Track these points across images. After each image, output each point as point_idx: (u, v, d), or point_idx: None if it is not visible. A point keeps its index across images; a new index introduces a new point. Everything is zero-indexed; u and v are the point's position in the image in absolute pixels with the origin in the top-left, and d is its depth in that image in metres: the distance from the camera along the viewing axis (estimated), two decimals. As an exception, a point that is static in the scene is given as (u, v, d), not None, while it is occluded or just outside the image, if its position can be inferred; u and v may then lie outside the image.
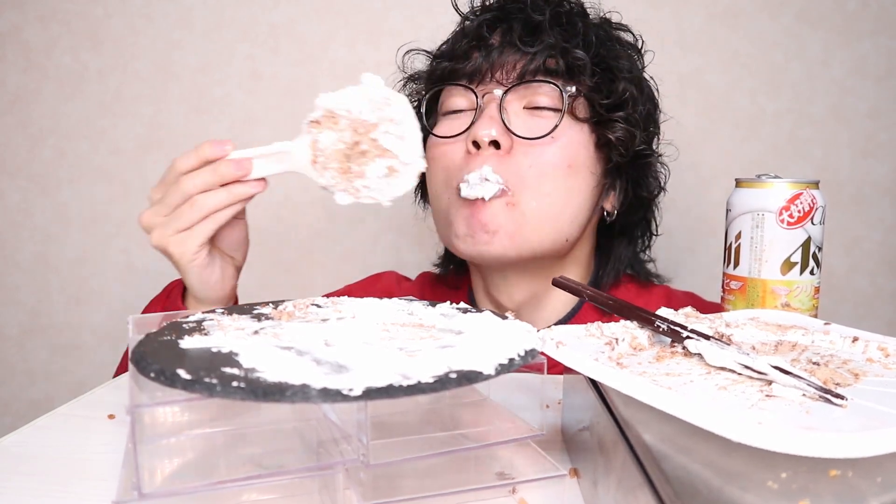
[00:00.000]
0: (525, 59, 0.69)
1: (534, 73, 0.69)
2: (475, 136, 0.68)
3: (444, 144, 0.72)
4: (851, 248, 1.07)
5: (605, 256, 0.81)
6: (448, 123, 0.73)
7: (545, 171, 0.68)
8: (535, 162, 0.68)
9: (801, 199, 0.58)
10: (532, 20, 0.70)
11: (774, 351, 0.43)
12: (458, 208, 0.70)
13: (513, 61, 0.69)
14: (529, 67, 0.69)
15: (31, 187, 1.15)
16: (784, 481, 0.25)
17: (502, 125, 0.68)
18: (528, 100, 0.70)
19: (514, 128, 0.68)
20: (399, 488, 0.36)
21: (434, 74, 0.75)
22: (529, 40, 0.69)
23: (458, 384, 0.32)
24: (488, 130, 0.67)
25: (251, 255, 0.72)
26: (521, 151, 0.68)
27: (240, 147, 0.60)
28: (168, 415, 0.40)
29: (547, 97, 0.69)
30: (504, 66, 0.70)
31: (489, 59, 0.70)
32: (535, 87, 0.69)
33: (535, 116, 0.70)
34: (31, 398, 1.19)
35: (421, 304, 0.49)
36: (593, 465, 0.37)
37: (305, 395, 0.30)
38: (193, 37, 1.11)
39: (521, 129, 0.68)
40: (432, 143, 0.74)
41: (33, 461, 0.42)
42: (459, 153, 0.71)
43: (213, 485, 0.33)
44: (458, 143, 0.71)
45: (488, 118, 0.68)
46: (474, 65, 0.70)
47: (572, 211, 0.71)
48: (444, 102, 0.74)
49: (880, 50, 1.04)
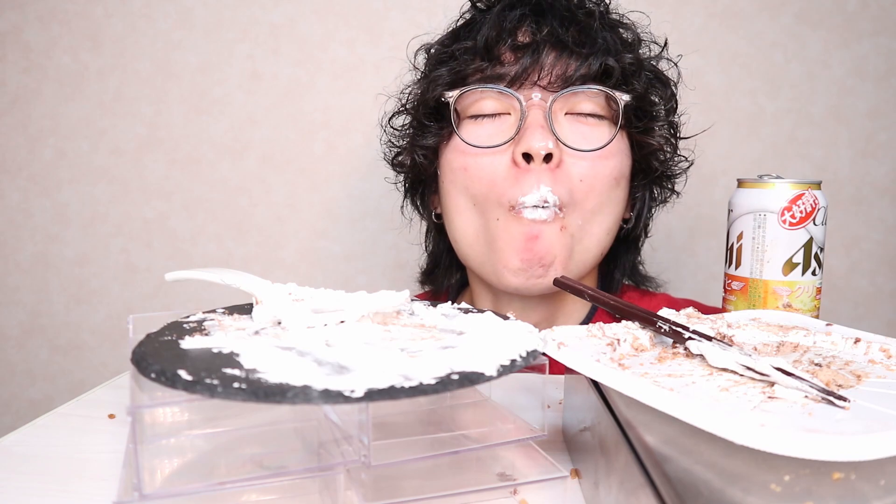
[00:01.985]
0: (576, 61, 0.63)
1: (583, 78, 0.63)
2: (529, 147, 0.61)
3: (480, 155, 0.65)
4: (851, 248, 1.07)
5: (609, 265, 0.78)
6: (478, 129, 0.66)
7: (594, 186, 0.64)
8: (585, 175, 0.63)
9: (803, 199, 0.58)
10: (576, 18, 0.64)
11: (776, 352, 0.43)
12: (512, 235, 0.63)
13: (560, 64, 0.63)
14: (580, 72, 0.63)
15: (31, 187, 1.15)
16: (787, 484, 0.25)
17: (554, 136, 0.62)
18: (572, 105, 0.65)
19: (565, 139, 0.63)
20: (400, 489, 0.36)
21: (463, 74, 0.66)
22: (578, 41, 0.63)
23: (459, 385, 0.32)
24: (544, 143, 0.61)
25: (251, 255, 0.72)
26: (570, 164, 0.63)
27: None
28: (168, 415, 0.40)
29: (593, 103, 0.64)
30: (545, 67, 0.63)
31: (536, 61, 0.63)
32: (582, 93, 0.64)
33: (580, 122, 0.65)
34: (31, 398, 1.19)
35: (422, 304, 0.49)
36: (595, 466, 0.37)
37: (307, 396, 0.30)
38: (193, 37, 1.11)
39: (573, 139, 0.63)
40: (460, 151, 0.67)
41: (33, 461, 0.42)
42: (503, 166, 0.64)
43: (213, 485, 0.33)
44: (500, 155, 0.64)
45: (539, 128, 0.62)
46: (519, 67, 0.63)
47: (612, 225, 0.68)
48: (473, 104, 0.66)
49: (880, 50, 1.04)
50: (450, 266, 0.81)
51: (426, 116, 0.70)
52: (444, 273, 0.82)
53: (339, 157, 1.10)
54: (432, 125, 0.70)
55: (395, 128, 0.77)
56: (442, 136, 0.69)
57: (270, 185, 1.12)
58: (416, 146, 0.71)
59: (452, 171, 0.68)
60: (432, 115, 0.69)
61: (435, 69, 0.69)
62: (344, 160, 1.10)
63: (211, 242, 1.13)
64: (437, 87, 0.68)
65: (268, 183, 1.12)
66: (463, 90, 0.66)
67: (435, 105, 0.69)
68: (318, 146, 1.11)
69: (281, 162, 1.11)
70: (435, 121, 0.70)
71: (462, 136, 0.66)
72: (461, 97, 0.67)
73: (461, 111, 0.68)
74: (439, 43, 0.72)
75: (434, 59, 0.71)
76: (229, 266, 1.12)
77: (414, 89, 0.74)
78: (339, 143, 1.10)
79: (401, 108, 0.76)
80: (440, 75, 0.68)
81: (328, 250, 1.13)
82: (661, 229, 1.07)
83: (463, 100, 0.67)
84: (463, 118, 0.68)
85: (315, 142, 1.11)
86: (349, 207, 1.11)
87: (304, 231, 1.13)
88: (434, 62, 0.71)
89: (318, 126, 1.11)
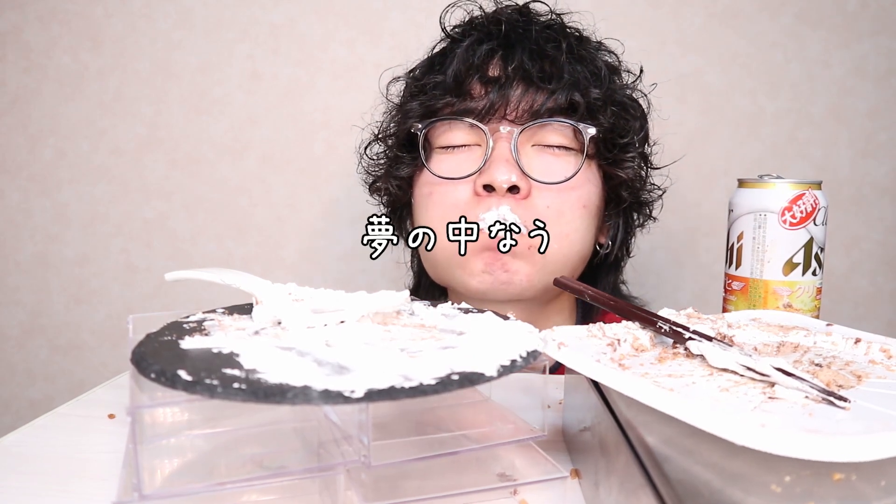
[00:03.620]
0: (542, 95, 0.64)
1: (550, 111, 0.65)
2: (492, 181, 0.63)
3: (446, 184, 0.67)
4: (851, 248, 1.07)
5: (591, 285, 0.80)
6: (448, 160, 0.68)
7: (562, 212, 0.66)
8: (552, 203, 0.66)
9: (803, 199, 0.58)
10: (545, 53, 0.66)
11: (776, 352, 0.43)
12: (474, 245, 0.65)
13: (527, 98, 0.65)
14: (546, 105, 0.64)
15: (31, 187, 1.15)
16: (787, 484, 0.25)
17: (519, 169, 0.64)
18: (539, 137, 0.66)
19: (531, 171, 0.65)
20: (400, 489, 0.36)
21: (433, 108, 0.68)
22: (545, 75, 0.64)
23: (460, 386, 0.32)
24: (507, 176, 0.63)
25: (251, 255, 0.72)
26: (537, 194, 0.65)
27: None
28: (168, 415, 0.40)
29: (560, 135, 0.66)
30: (512, 102, 0.65)
31: (503, 96, 0.64)
32: (549, 125, 0.66)
33: (546, 154, 0.67)
34: (31, 398, 1.19)
35: (422, 304, 0.49)
36: (595, 466, 0.37)
37: (307, 396, 0.30)
38: (193, 37, 1.11)
39: (539, 172, 0.65)
40: (428, 181, 0.69)
41: (33, 461, 0.42)
42: (466, 193, 0.66)
43: (213, 485, 0.33)
44: (465, 185, 0.66)
45: (504, 161, 0.64)
46: (487, 102, 0.64)
47: (584, 249, 0.70)
48: (444, 135, 0.69)
49: (880, 50, 1.04)
50: (431, 285, 0.82)
51: (399, 147, 0.72)
52: (427, 291, 0.83)
53: (339, 157, 1.10)
54: (405, 156, 0.72)
55: (370, 157, 0.79)
56: (415, 167, 0.72)
57: (270, 185, 1.12)
58: (391, 177, 0.74)
59: (421, 196, 0.71)
60: (405, 146, 0.72)
61: (408, 102, 0.71)
62: (344, 160, 1.10)
63: (211, 242, 1.13)
64: (408, 120, 0.70)
65: (268, 183, 1.12)
66: (432, 121, 0.68)
67: (407, 136, 0.71)
68: (318, 146, 1.11)
69: (281, 162, 1.11)
70: (408, 151, 0.72)
71: (431, 167, 0.69)
72: (432, 128, 0.69)
73: (432, 142, 0.70)
74: (412, 76, 0.74)
75: (407, 92, 0.73)
76: (229, 266, 1.12)
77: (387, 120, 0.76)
78: (339, 143, 1.10)
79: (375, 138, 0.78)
80: (412, 108, 0.70)
81: (328, 250, 1.13)
82: (661, 229, 1.07)
83: (434, 131, 0.69)
84: (434, 148, 0.70)
85: (315, 142, 1.11)
86: (349, 207, 1.11)
87: (304, 231, 1.13)
88: (407, 95, 0.73)
89: (318, 126, 1.11)
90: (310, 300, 0.44)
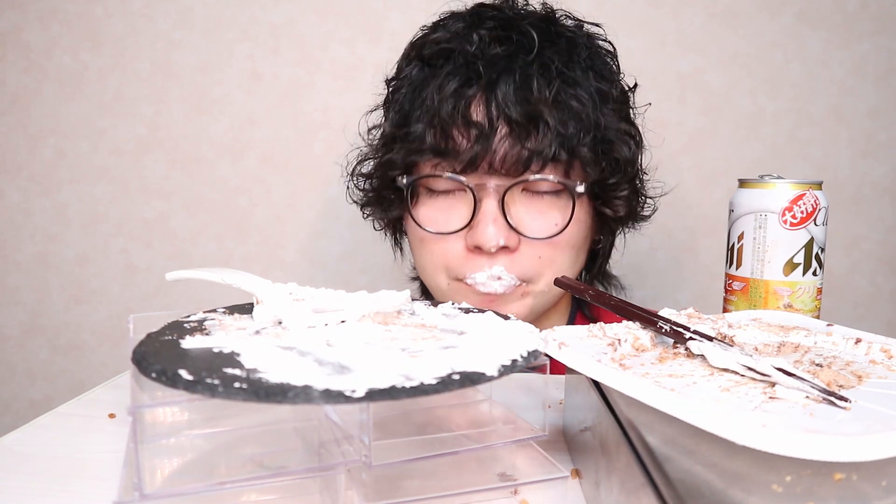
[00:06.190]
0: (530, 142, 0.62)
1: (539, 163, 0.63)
2: (480, 243, 0.63)
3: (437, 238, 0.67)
4: (851, 248, 1.07)
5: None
6: (435, 206, 0.67)
7: (554, 259, 0.67)
8: (543, 252, 0.66)
9: (804, 199, 0.58)
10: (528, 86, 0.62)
11: (777, 352, 0.43)
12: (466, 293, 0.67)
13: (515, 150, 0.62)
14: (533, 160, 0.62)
15: (31, 187, 1.15)
16: (788, 484, 0.25)
17: (507, 225, 0.64)
18: (527, 185, 0.65)
19: (520, 226, 0.64)
20: (401, 489, 0.36)
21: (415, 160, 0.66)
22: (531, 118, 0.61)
23: (460, 385, 0.32)
24: (495, 241, 0.63)
25: (251, 255, 0.72)
26: (527, 244, 0.65)
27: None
28: (169, 415, 0.40)
29: (548, 184, 0.64)
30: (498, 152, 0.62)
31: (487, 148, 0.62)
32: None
33: (536, 201, 0.65)
34: (31, 398, 1.19)
35: (422, 303, 0.49)
36: (595, 466, 0.37)
37: (308, 396, 0.30)
38: (193, 37, 1.11)
39: (529, 226, 0.65)
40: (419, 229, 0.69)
41: (33, 460, 0.42)
42: (458, 246, 0.66)
43: (214, 485, 0.33)
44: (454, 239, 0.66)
45: (492, 222, 0.63)
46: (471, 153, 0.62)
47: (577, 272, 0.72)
48: (429, 181, 0.67)
49: (880, 50, 1.04)
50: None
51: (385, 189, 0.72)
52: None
53: (339, 157, 1.10)
54: (393, 197, 0.72)
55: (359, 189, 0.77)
56: (403, 209, 0.71)
57: (270, 185, 1.12)
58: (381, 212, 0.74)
59: (414, 238, 0.72)
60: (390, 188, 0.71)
61: (389, 149, 0.69)
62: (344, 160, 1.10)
63: (211, 242, 1.13)
64: (391, 171, 0.69)
65: (268, 183, 1.12)
66: (416, 177, 0.67)
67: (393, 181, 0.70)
68: (318, 146, 1.11)
69: (281, 162, 1.11)
70: (394, 192, 0.71)
71: (419, 216, 0.68)
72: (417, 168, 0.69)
73: (418, 183, 0.68)
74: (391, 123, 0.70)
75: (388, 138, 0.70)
76: (229, 266, 1.12)
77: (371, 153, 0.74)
78: (339, 143, 1.10)
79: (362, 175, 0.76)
80: (394, 161, 0.68)
81: (328, 250, 1.13)
82: (661, 229, 1.07)
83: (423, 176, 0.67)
84: (421, 188, 0.68)
85: (315, 142, 1.11)
86: (349, 207, 1.11)
87: (304, 231, 1.13)
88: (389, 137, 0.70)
89: (318, 126, 1.10)
90: (310, 300, 0.44)
